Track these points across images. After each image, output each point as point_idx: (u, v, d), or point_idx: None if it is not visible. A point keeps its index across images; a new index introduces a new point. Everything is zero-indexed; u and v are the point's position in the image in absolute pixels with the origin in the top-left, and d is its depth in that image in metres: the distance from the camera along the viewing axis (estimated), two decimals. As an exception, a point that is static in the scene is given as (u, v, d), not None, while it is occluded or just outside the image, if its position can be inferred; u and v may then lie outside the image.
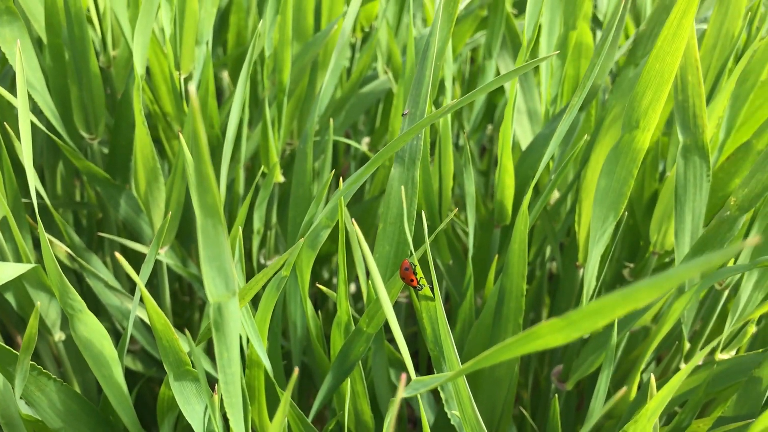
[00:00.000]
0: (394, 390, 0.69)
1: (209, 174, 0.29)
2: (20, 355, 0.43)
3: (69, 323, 0.49)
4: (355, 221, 0.87)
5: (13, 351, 0.46)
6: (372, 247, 0.65)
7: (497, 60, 0.80)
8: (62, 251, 0.66)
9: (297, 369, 0.32)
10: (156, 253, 0.49)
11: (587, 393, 0.73)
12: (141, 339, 0.74)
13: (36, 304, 0.43)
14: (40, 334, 0.70)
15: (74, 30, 0.64)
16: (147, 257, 0.49)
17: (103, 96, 0.67)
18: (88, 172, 0.67)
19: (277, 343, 0.60)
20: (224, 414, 0.60)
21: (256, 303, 0.59)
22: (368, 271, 0.55)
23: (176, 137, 0.72)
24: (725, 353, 0.58)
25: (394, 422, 0.29)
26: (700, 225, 0.55)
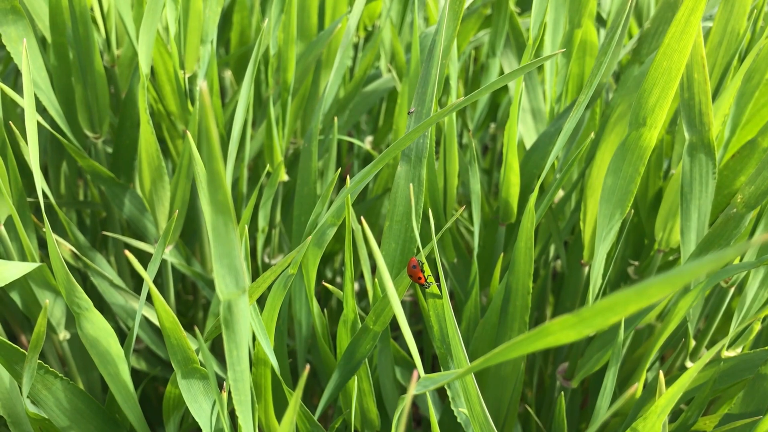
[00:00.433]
0: (400, 388, 0.69)
1: (220, 171, 0.28)
2: (28, 354, 0.43)
3: (75, 322, 0.49)
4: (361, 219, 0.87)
5: (21, 350, 0.46)
6: (378, 245, 0.65)
7: (501, 58, 0.80)
8: (67, 250, 0.66)
9: (308, 367, 0.32)
10: (162, 253, 0.49)
11: (592, 391, 0.73)
12: (145, 338, 0.74)
13: (44, 303, 0.43)
14: (46, 334, 0.70)
15: (79, 29, 0.64)
16: (153, 256, 0.49)
17: (108, 95, 0.67)
18: (93, 171, 0.67)
19: (283, 342, 0.60)
20: (231, 411, 0.60)
21: (262, 302, 0.59)
22: (374, 269, 0.55)
23: (180, 136, 0.72)
24: (731, 351, 0.58)
25: (405, 420, 0.29)
26: (706, 223, 0.55)
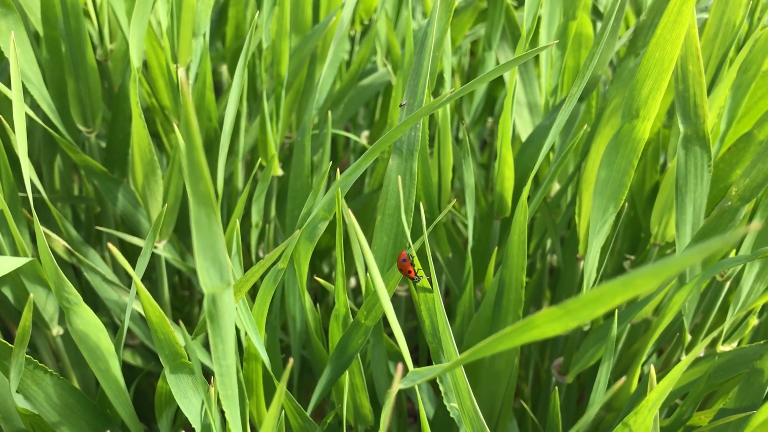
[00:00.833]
0: (390, 381, 0.69)
1: (201, 161, 0.28)
2: (15, 348, 0.43)
3: (65, 316, 0.49)
4: (355, 215, 0.86)
5: (8, 344, 0.45)
6: (370, 239, 0.64)
7: (497, 52, 0.80)
8: (60, 245, 0.66)
9: (291, 360, 0.32)
10: (153, 245, 0.49)
11: (588, 386, 0.72)
12: (140, 333, 0.74)
13: (30, 296, 0.43)
14: (38, 329, 0.70)
15: (70, 22, 0.63)
16: (143, 249, 0.49)
17: (100, 89, 0.67)
18: (86, 166, 0.67)
19: (276, 337, 0.59)
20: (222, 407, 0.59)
21: (255, 297, 0.59)
22: (367, 264, 0.55)
23: (174, 131, 0.72)
24: (727, 345, 0.58)
25: (390, 413, 0.29)
26: (702, 216, 0.55)
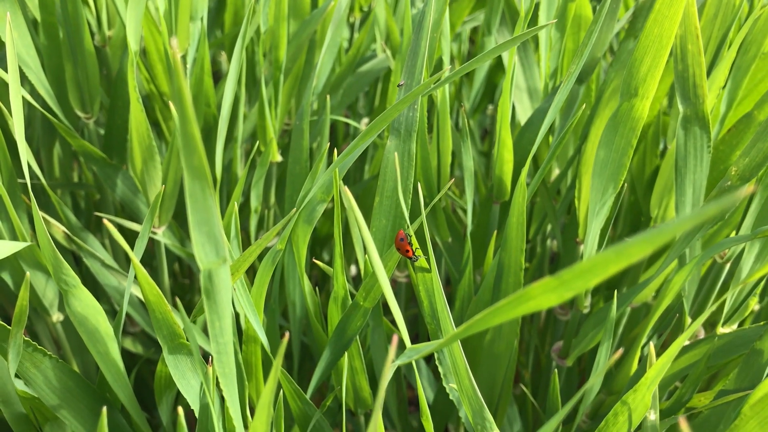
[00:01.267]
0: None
1: (195, 134, 0.28)
2: (12, 329, 0.43)
3: (63, 300, 0.49)
4: (356, 200, 0.86)
5: (6, 326, 0.45)
6: (369, 221, 0.64)
7: (497, 36, 0.79)
8: (59, 231, 0.66)
9: (288, 334, 0.32)
10: (149, 229, 0.49)
11: (588, 370, 0.72)
12: (140, 321, 0.74)
13: (26, 275, 0.43)
14: (38, 315, 0.70)
15: (68, 8, 0.63)
16: (141, 231, 0.49)
17: (98, 74, 0.67)
18: (84, 152, 0.67)
19: (275, 321, 0.59)
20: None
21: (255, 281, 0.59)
22: (365, 244, 0.55)
23: (173, 117, 0.71)
24: (727, 327, 0.58)
25: (385, 387, 0.28)
26: (702, 197, 0.55)
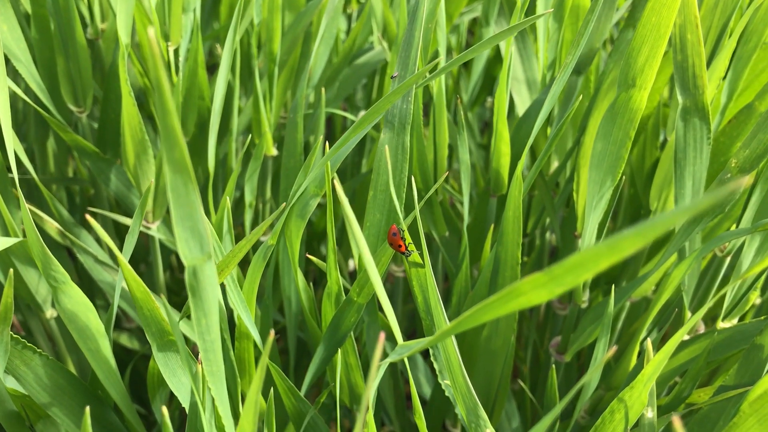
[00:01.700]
0: (391, 364, 0.68)
1: (175, 126, 0.27)
2: (-2, 326, 0.42)
3: (53, 296, 0.48)
4: (352, 195, 0.86)
5: (-7, 323, 0.45)
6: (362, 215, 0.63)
7: (495, 27, 0.78)
8: (53, 227, 0.65)
9: (272, 332, 0.31)
10: (140, 224, 0.48)
11: (587, 366, 0.71)
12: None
13: (10, 270, 0.42)
14: (32, 312, 0.69)
15: (59, 0, 0.62)
16: (131, 226, 0.48)
17: (90, 67, 0.66)
18: (77, 146, 0.66)
19: (269, 317, 0.59)
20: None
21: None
22: (355, 238, 0.54)
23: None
24: (727, 322, 0.57)
25: (372, 387, 0.28)
26: (701, 190, 0.54)
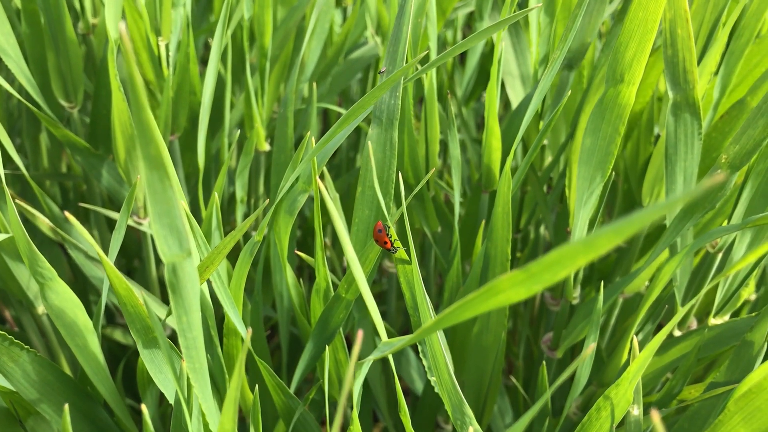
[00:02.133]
0: (382, 360, 0.68)
1: (150, 122, 0.27)
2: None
3: (40, 292, 0.48)
4: (344, 191, 0.85)
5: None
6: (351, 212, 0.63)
7: (489, 22, 0.78)
8: (44, 223, 0.65)
9: (250, 330, 0.31)
10: (126, 220, 0.48)
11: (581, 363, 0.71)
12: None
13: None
14: (24, 308, 0.69)
15: (48, -6, 0.62)
16: (118, 222, 0.48)
17: (81, 63, 0.65)
18: (68, 142, 0.66)
19: (259, 313, 0.58)
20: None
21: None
22: (339, 236, 0.53)
23: (159, 106, 0.70)
24: (718, 318, 0.57)
25: (351, 381, 0.27)
26: (692, 186, 0.53)
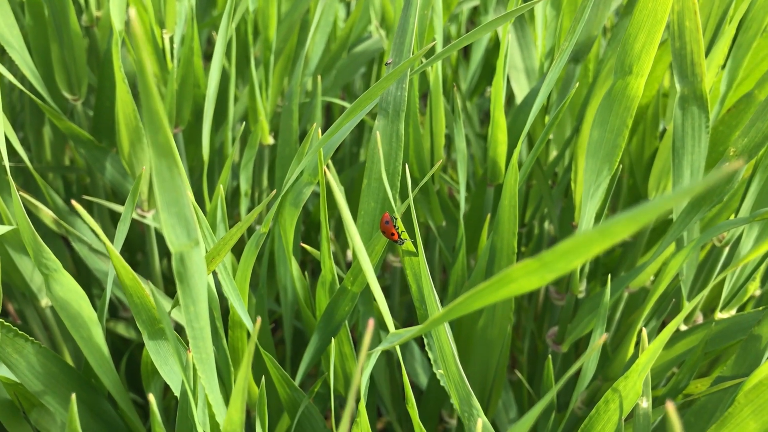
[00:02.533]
0: (387, 353, 0.68)
1: (158, 110, 0.27)
2: (-13, 313, 0.42)
3: (45, 284, 0.48)
4: (350, 184, 0.85)
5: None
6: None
7: (494, 15, 0.78)
8: (48, 215, 0.65)
9: (259, 318, 0.31)
10: (131, 213, 0.48)
11: (585, 357, 0.71)
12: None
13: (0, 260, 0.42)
14: (27, 300, 0.69)
15: (52, -14, 0.62)
16: (123, 214, 0.48)
17: (85, 55, 0.65)
18: (72, 134, 0.66)
19: (264, 305, 0.58)
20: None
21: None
22: (347, 227, 0.53)
23: (163, 98, 0.70)
24: (725, 312, 0.56)
25: (359, 375, 0.27)
26: (700, 179, 0.53)
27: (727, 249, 0.57)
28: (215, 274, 0.62)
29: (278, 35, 0.71)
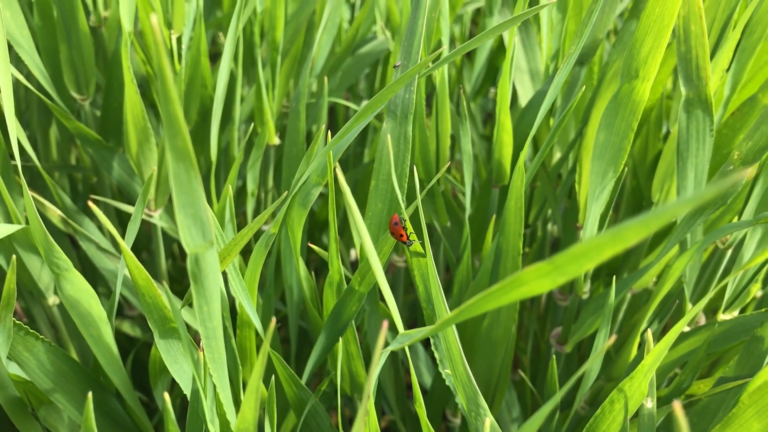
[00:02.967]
0: (392, 353, 0.68)
1: (178, 114, 0.27)
2: (0, 312, 0.42)
3: (55, 283, 0.48)
4: (355, 185, 0.86)
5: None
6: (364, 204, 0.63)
7: (499, 18, 0.78)
8: (56, 215, 0.65)
9: (273, 320, 0.31)
10: (142, 212, 0.48)
11: (587, 357, 0.72)
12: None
13: (12, 257, 0.42)
14: (35, 299, 0.70)
15: (61, -13, 0.62)
16: (133, 214, 0.48)
17: (93, 55, 0.66)
18: (80, 134, 0.66)
19: (271, 305, 0.59)
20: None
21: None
22: (357, 228, 0.54)
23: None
24: (727, 314, 0.57)
25: (374, 375, 0.28)
26: (704, 182, 0.54)
27: (730, 251, 0.58)
28: (224, 274, 0.63)
29: (285, 36, 0.71)
